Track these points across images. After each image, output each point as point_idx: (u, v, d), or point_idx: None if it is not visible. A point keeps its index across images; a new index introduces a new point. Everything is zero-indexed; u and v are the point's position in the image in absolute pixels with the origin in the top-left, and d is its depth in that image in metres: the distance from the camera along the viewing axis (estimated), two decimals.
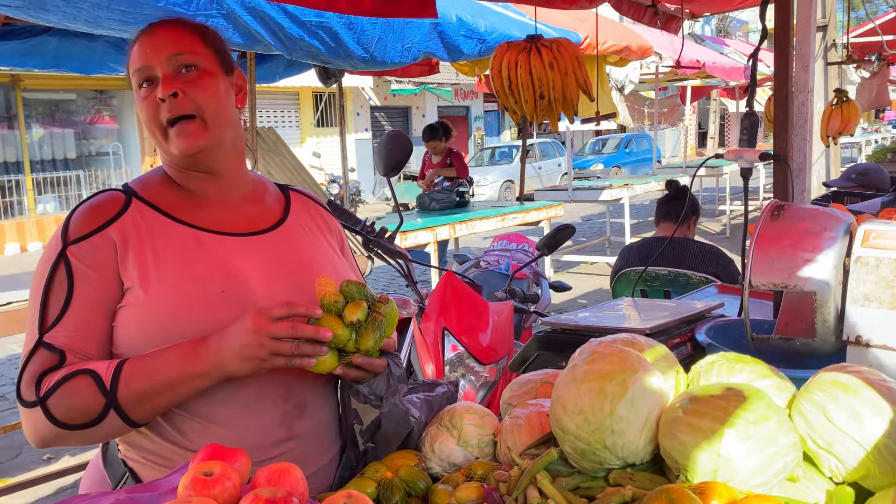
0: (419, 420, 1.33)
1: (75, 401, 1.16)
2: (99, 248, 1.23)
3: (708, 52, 9.36)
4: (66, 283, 1.21)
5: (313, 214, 1.49)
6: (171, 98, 1.24)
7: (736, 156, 1.77)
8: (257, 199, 1.42)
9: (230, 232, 1.33)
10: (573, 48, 2.38)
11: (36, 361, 1.19)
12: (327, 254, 1.44)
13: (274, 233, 1.38)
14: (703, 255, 3.45)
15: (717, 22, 27.50)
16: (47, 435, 1.19)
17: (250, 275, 1.29)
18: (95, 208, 1.28)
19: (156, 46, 1.26)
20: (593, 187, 8.80)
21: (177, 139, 1.26)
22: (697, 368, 1.27)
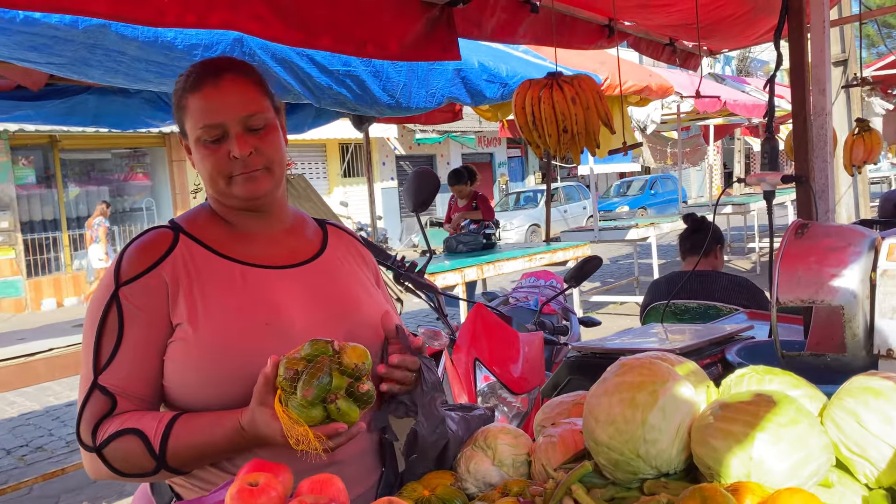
0: (456, 434, 1.36)
1: (129, 458, 1.24)
2: (150, 289, 1.29)
3: (728, 90, 9.43)
4: (117, 325, 1.27)
5: (349, 247, 1.54)
6: (245, 156, 1.31)
7: (759, 179, 1.80)
8: (297, 232, 1.47)
9: (272, 265, 1.38)
10: (594, 84, 2.45)
11: (92, 405, 1.26)
12: (364, 284, 1.48)
13: (313, 264, 1.43)
14: (732, 287, 3.44)
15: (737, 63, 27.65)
16: (105, 475, 1.27)
17: (292, 306, 1.33)
18: (145, 248, 1.33)
19: (226, 103, 1.30)
20: (619, 227, 8.81)
21: (244, 184, 1.32)
22: (727, 382, 1.29)
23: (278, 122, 1.40)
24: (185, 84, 1.34)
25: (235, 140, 1.30)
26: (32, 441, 5.82)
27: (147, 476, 1.26)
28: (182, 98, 1.34)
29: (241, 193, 1.33)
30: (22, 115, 4.40)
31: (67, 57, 2.82)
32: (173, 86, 1.39)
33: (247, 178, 1.32)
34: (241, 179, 1.32)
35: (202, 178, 1.37)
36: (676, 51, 3.86)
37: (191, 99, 1.32)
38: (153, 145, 15.37)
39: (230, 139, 1.31)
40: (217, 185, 1.33)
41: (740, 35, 3.72)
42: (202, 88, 1.32)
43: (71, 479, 4.75)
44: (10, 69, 3.45)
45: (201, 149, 1.32)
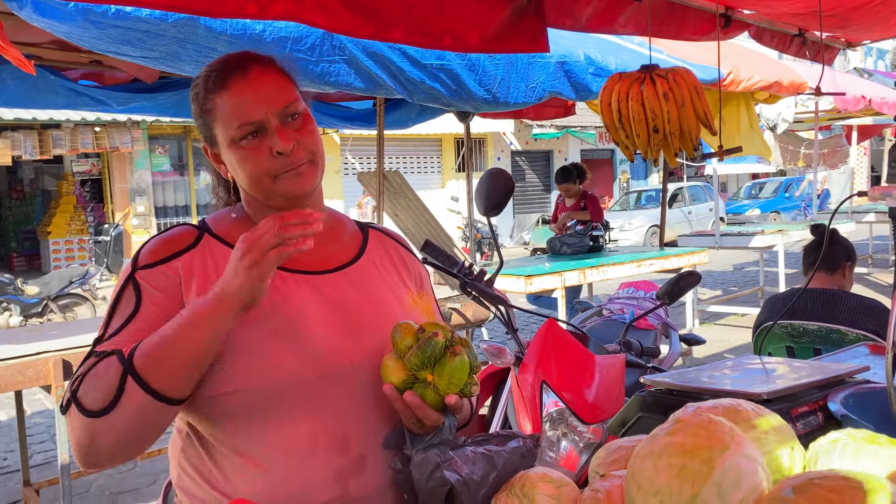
0: (469, 477, 1.18)
1: (97, 380, 1.11)
2: (165, 276, 1.22)
3: (876, 86, 8.55)
4: (133, 301, 1.20)
5: (391, 253, 1.43)
6: (289, 150, 1.23)
7: (883, 194, 1.50)
8: (333, 237, 1.37)
9: (296, 269, 1.28)
10: (692, 78, 2.18)
11: (82, 368, 1.16)
12: (398, 294, 1.37)
13: (343, 272, 1.33)
14: (860, 309, 3.05)
15: (892, 56, 25.40)
16: (83, 436, 1.11)
17: (308, 314, 1.24)
18: (167, 241, 1.28)
19: (259, 97, 1.22)
20: (743, 233, 8.19)
21: (289, 181, 1.24)
22: (817, 448, 1.05)
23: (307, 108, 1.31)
24: (206, 85, 1.25)
25: (277, 135, 1.22)
26: None
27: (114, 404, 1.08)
28: (206, 101, 1.25)
29: (289, 191, 1.25)
30: (137, 106, 4.60)
31: (160, 51, 2.86)
32: None
33: (294, 175, 1.24)
34: (285, 177, 1.24)
35: (241, 181, 1.28)
36: (807, 42, 3.45)
37: (218, 99, 1.23)
38: None
39: (269, 135, 1.22)
40: (262, 186, 1.25)
41: (885, 23, 3.26)
42: (229, 86, 1.23)
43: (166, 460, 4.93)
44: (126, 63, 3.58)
45: (238, 150, 1.24)
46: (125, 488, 4.57)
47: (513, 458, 1.26)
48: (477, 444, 1.25)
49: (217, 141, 1.27)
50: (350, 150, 16.80)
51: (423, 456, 1.16)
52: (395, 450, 1.24)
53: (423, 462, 1.15)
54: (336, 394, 1.22)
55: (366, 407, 1.24)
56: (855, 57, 20.18)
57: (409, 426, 1.20)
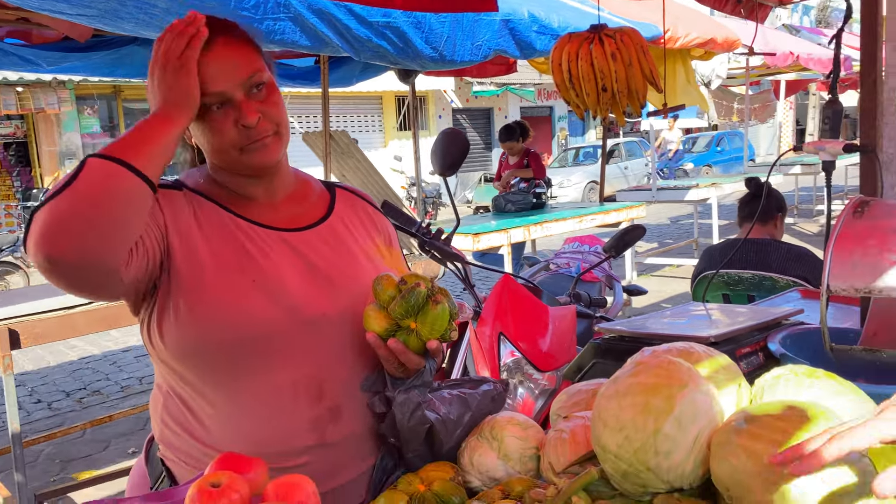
0: (446, 417, 1.25)
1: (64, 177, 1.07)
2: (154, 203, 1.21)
3: (803, 42, 8.85)
4: None
5: (358, 211, 1.46)
6: (255, 123, 1.23)
7: (816, 147, 1.61)
8: (301, 198, 1.40)
9: (271, 225, 1.32)
10: (638, 37, 2.25)
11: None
12: (369, 252, 1.41)
13: (314, 230, 1.36)
14: (791, 257, 3.22)
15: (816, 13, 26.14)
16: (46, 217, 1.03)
17: (284, 269, 1.28)
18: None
19: (225, 68, 1.22)
20: (678, 187, 8.45)
21: (256, 153, 1.25)
22: (762, 383, 1.15)
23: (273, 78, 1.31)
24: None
25: (242, 108, 1.22)
26: (90, 384, 6.03)
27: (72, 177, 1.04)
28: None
29: (255, 163, 1.26)
30: (69, 66, 4.42)
31: (98, 9, 2.76)
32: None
33: (259, 147, 1.25)
34: (252, 149, 1.25)
35: (208, 150, 1.28)
36: (741, 1, 3.57)
37: None
38: None
39: (234, 107, 1.22)
40: (228, 157, 1.26)
41: None
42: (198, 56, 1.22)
43: (122, 424, 4.90)
44: (57, 21, 3.42)
45: (204, 121, 1.24)
46: (76, 455, 4.53)
47: (484, 400, 1.34)
48: (452, 388, 1.32)
49: None
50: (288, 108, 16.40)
51: (405, 396, 1.22)
52: (374, 392, 1.30)
53: (406, 402, 1.22)
54: (311, 344, 1.26)
55: (340, 357, 1.29)
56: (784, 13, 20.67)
57: (390, 371, 1.26)
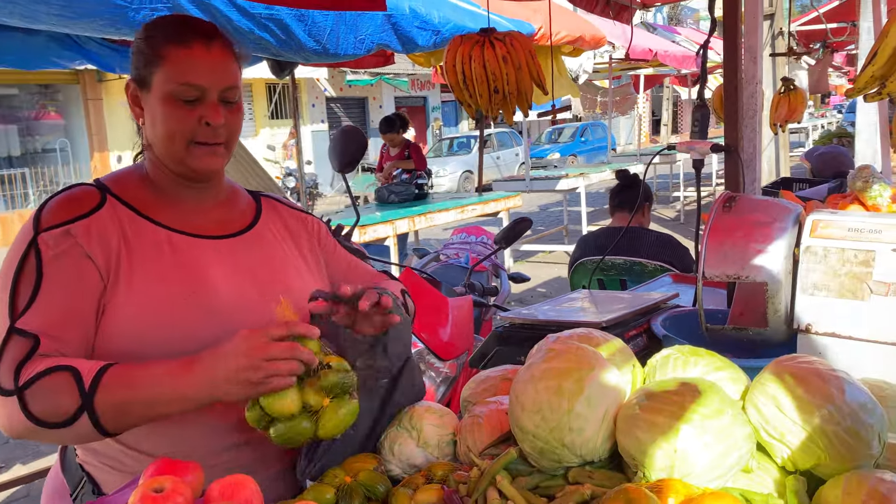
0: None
1: (51, 397, 1.10)
2: (71, 237, 1.20)
3: (660, 40, 9.47)
4: (35, 269, 1.17)
5: (285, 217, 1.48)
6: (218, 126, 1.26)
7: (688, 147, 1.79)
8: (229, 204, 1.42)
9: (200, 234, 1.32)
10: (527, 42, 2.38)
11: (12, 350, 1.13)
12: (295, 261, 1.43)
13: (243, 237, 1.38)
14: (658, 244, 3.49)
15: (668, 10, 27.86)
16: (20, 428, 1.12)
17: (217, 280, 1.28)
18: (70, 200, 1.25)
19: (213, 69, 1.26)
20: (550, 177, 8.86)
21: (203, 158, 1.28)
22: (653, 363, 1.28)
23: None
24: (166, 33, 1.26)
25: (212, 107, 1.25)
26: None
27: (64, 425, 1.10)
28: (161, 47, 1.25)
29: (197, 166, 1.28)
30: None
31: None
32: (76, 29, 1.30)
33: (207, 152, 1.28)
34: (200, 151, 1.27)
35: (156, 134, 1.27)
36: (610, 3, 3.81)
37: (174, 51, 1.24)
38: (65, 82, 14.42)
39: (204, 105, 1.25)
40: (173, 147, 1.27)
41: None
42: (191, 45, 1.25)
43: None
44: None
45: (171, 106, 1.25)
46: None
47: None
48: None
49: (151, 86, 1.26)
50: None
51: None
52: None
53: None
54: None
55: None
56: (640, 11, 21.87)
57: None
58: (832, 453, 1.03)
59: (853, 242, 1.39)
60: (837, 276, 1.41)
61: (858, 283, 1.38)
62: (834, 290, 1.41)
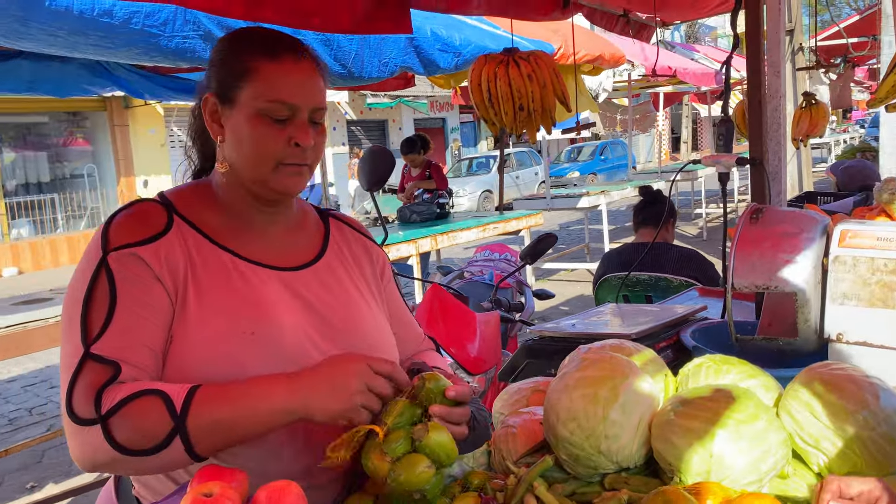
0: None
1: (140, 422, 1.06)
2: (142, 261, 1.16)
3: (679, 58, 9.50)
4: (107, 291, 1.12)
5: (351, 244, 1.41)
6: (307, 147, 1.21)
7: (713, 161, 1.81)
8: (298, 228, 1.36)
9: (268, 264, 1.26)
10: (550, 60, 2.42)
11: (88, 375, 1.08)
12: (363, 294, 1.36)
13: (311, 269, 1.31)
14: (682, 259, 3.50)
15: (686, 28, 27.92)
16: (101, 458, 1.07)
17: (283, 318, 1.22)
18: (137, 218, 1.20)
19: (305, 86, 1.20)
20: (571, 195, 8.87)
21: (288, 178, 1.22)
22: (685, 371, 1.30)
23: None
24: (254, 45, 1.20)
25: (302, 128, 1.20)
26: None
27: (153, 452, 1.05)
28: (251, 60, 1.18)
29: (281, 186, 1.22)
30: None
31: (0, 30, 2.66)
32: (112, 57, 1.30)
33: (293, 172, 1.22)
34: (287, 172, 1.21)
35: (242, 153, 1.20)
36: (630, 22, 3.85)
37: (265, 64, 1.18)
38: (93, 109, 14.75)
39: (294, 125, 1.19)
40: (260, 168, 1.20)
41: (693, 7, 3.72)
42: (282, 60, 1.18)
43: (14, 460, 4.63)
44: None
45: (260, 124, 1.18)
46: None
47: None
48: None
49: (236, 101, 1.19)
50: (175, 121, 15.92)
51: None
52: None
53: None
54: None
55: None
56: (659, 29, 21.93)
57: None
58: (868, 459, 1.04)
59: (883, 252, 1.40)
60: (867, 285, 1.42)
61: (889, 291, 1.39)
62: (864, 299, 1.42)
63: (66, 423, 1.09)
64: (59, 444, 4.87)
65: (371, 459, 1.08)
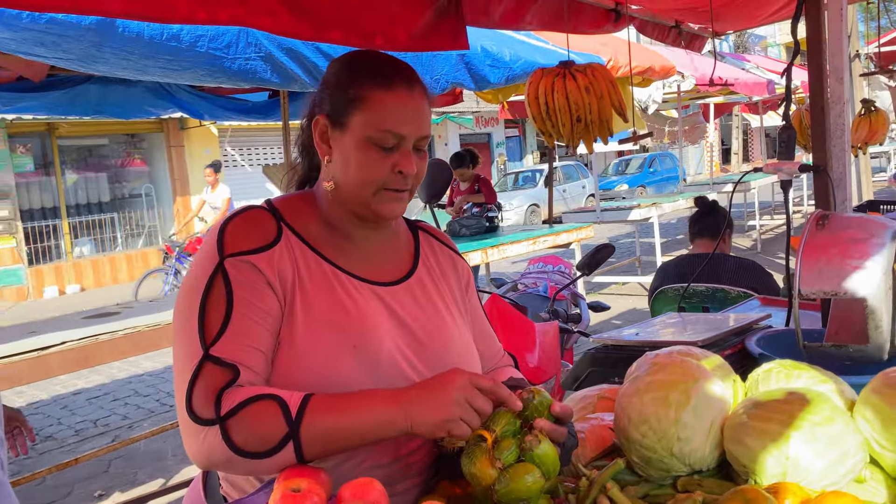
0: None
1: (257, 426, 1.09)
2: (256, 269, 1.19)
3: (730, 68, 9.38)
4: (224, 295, 1.16)
5: (439, 257, 1.44)
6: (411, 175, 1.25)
7: (775, 168, 1.80)
8: (393, 242, 1.39)
9: (366, 278, 1.29)
10: (607, 72, 2.44)
11: (208, 378, 1.12)
12: (449, 311, 1.38)
13: (404, 285, 1.34)
14: (741, 270, 3.45)
15: (734, 38, 27.51)
16: (216, 457, 1.11)
17: (382, 332, 1.25)
18: (250, 226, 1.24)
19: (415, 116, 1.24)
20: (621, 207, 8.80)
21: (389, 203, 1.25)
22: (754, 376, 1.30)
23: None
24: (369, 74, 1.23)
25: (406, 156, 1.23)
26: (42, 430, 5.85)
27: (266, 455, 1.09)
28: (363, 87, 1.22)
29: (383, 211, 1.26)
30: (24, 106, 4.40)
31: (76, 54, 2.81)
32: (178, 79, 1.33)
33: (394, 198, 1.26)
34: (388, 197, 1.25)
35: (348, 176, 1.24)
36: (682, 33, 3.84)
37: (376, 93, 1.22)
38: (150, 131, 15.27)
39: (399, 152, 1.23)
40: (363, 191, 1.24)
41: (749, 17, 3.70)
42: (395, 89, 1.22)
43: (83, 469, 4.78)
44: (12, 61, 3.42)
45: (367, 150, 1.22)
46: (39, 502, 4.41)
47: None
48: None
49: (347, 127, 1.23)
50: (229, 141, 16.35)
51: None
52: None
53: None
54: None
55: None
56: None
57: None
58: None
59: None
60: None
61: None
62: None
63: (184, 421, 1.13)
64: (124, 454, 5.03)
65: (478, 465, 1.08)
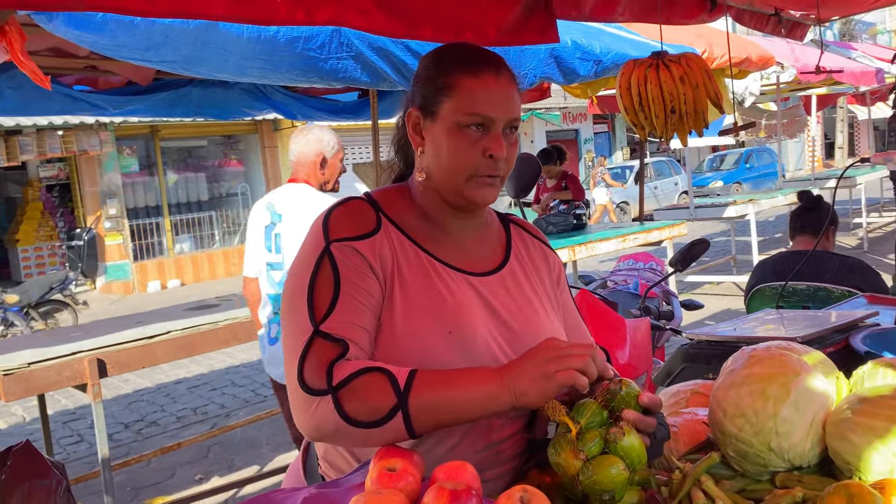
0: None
1: (367, 396, 1.14)
2: (357, 256, 1.25)
3: (836, 57, 8.90)
4: (332, 276, 1.22)
5: (531, 249, 1.46)
6: (501, 159, 1.26)
7: (885, 158, 1.71)
8: (485, 234, 1.41)
9: (461, 268, 1.33)
10: (702, 62, 2.38)
11: (318, 351, 1.18)
12: (541, 302, 1.40)
13: (497, 275, 1.37)
14: (845, 268, 3.29)
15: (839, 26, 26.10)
16: (327, 427, 1.16)
17: (476, 320, 1.28)
18: (353, 215, 1.29)
19: (503, 100, 1.25)
20: (716, 204, 8.49)
21: (481, 189, 1.27)
22: (859, 373, 1.25)
23: None
24: (457, 62, 1.27)
25: (496, 140, 1.24)
26: (147, 416, 6.20)
27: (375, 425, 1.13)
28: (452, 75, 1.26)
29: (475, 198, 1.28)
30: (132, 109, 4.66)
31: (181, 55, 2.96)
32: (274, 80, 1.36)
33: (486, 184, 1.27)
34: (480, 183, 1.27)
35: (440, 165, 1.28)
36: (782, 21, 3.67)
37: (465, 79, 1.25)
38: (246, 132, 15.90)
39: (489, 136, 1.25)
40: (455, 178, 1.27)
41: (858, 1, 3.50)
42: (482, 75, 1.25)
43: (185, 453, 5.04)
44: (122, 67, 3.65)
45: (457, 136, 1.25)
46: (145, 483, 4.68)
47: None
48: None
49: (437, 115, 1.27)
50: None
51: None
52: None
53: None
54: None
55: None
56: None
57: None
58: None
59: None
60: None
61: None
62: None
63: (294, 394, 1.18)
64: (222, 440, 5.27)
65: (563, 455, 1.10)
